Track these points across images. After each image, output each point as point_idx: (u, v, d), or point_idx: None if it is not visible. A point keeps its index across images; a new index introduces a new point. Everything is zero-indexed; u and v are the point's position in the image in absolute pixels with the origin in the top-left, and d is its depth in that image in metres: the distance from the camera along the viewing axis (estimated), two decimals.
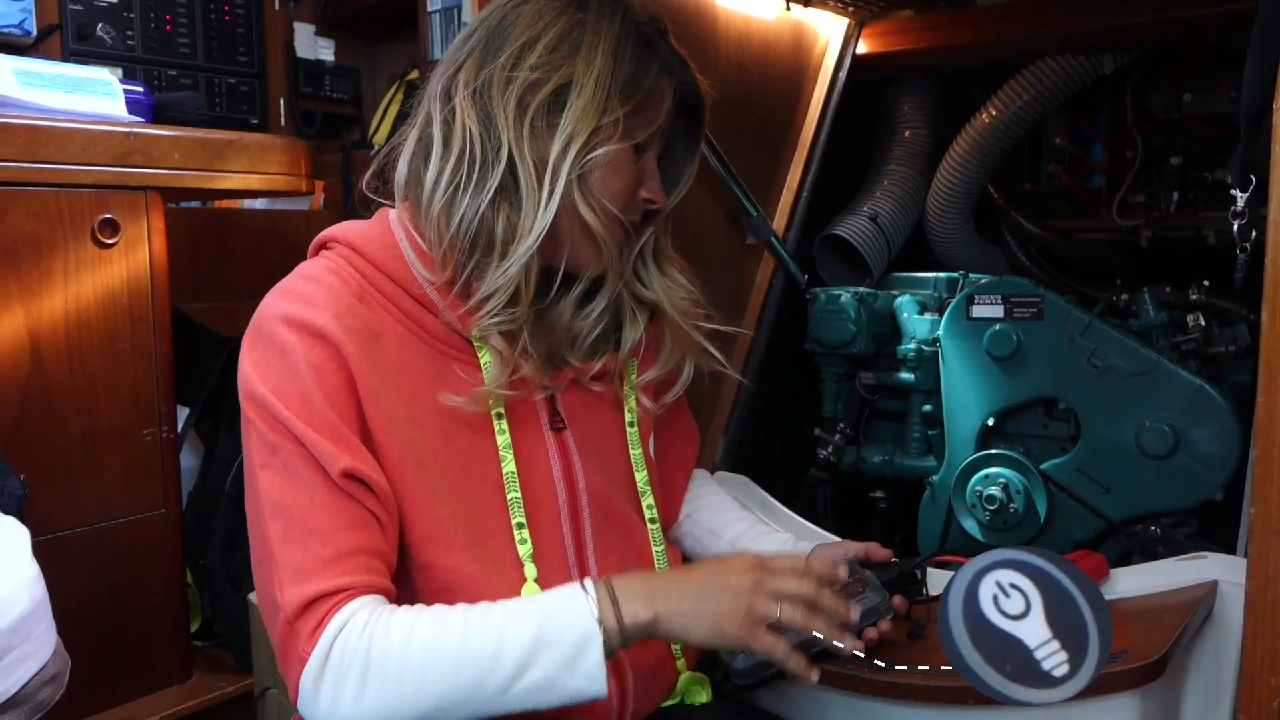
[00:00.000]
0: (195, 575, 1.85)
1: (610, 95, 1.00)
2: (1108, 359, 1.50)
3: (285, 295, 0.98)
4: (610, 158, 1.01)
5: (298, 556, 0.89)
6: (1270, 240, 0.84)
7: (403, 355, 0.99)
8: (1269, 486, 0.85)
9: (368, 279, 1.00)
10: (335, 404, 0.93)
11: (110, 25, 2.33)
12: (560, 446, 1.08)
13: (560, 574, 1.04)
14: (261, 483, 0.92)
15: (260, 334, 0.96)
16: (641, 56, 1.03)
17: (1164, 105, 1.89)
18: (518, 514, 1.02)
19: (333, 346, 0.94)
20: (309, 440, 0.91)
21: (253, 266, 2.36)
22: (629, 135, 1.02)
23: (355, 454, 0.93)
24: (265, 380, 0.93)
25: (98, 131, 1.53)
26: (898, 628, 1.18)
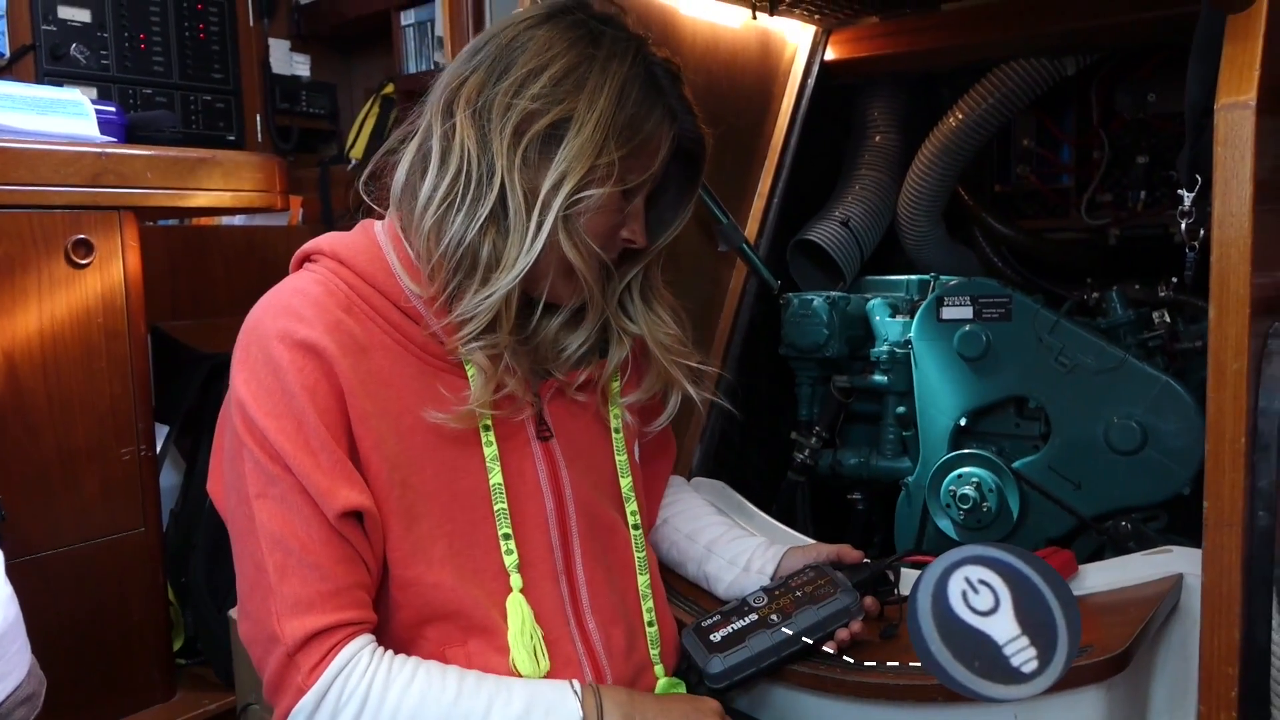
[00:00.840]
0: (177, 592, 1.86)
1: (608, 138, 0.99)
2: (1075, 357, 1.51)
3: (275, 310, 0.97)
4: (600, 200, 1.01)
5: (298, 589, 0.90)
6: (1216, 238, 0.85)
7: (390, 368, 0.99)
8: (1220, 480, 0.87)
9: (355, 291, 1.00)
10: (329, 424, 0.94)
11: (84, 45, 2.34)
12: (547, 456, 1.09)
13: (547, 582, 1.05)
14: (258, 512, 0.92)
15: (251, 352, 0.95)
16: (646, 101, 1.03)
17: (1129, 105, 1.92)
18: (504, 525, 1.03)
19: (325, 362, 0.94)
20: (306, 476, 0.91)
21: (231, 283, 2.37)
22: (621, 179, 1.02)
23: (351, 485, 0.93)
24: (260, 404, 0.93)
25: (70, 152, 1.53)
26: (870, 628, 1.19)
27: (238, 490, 0.95)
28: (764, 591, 1.20)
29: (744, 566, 1.28)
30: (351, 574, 0.94)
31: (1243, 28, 0.86)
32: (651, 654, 1.14)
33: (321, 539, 0.92)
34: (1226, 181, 0.85)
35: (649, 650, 1.14)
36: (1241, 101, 0.84)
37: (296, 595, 0.90)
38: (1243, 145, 0.84)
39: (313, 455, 0.92)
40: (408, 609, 0.99)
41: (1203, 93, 0.88)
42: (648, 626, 1.14)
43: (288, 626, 0.89)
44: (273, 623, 0.90)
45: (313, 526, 0.92)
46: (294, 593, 0.90)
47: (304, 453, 0.92)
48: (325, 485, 0.92)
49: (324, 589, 0.91)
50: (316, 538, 0.92)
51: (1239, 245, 0.84)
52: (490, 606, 1.00)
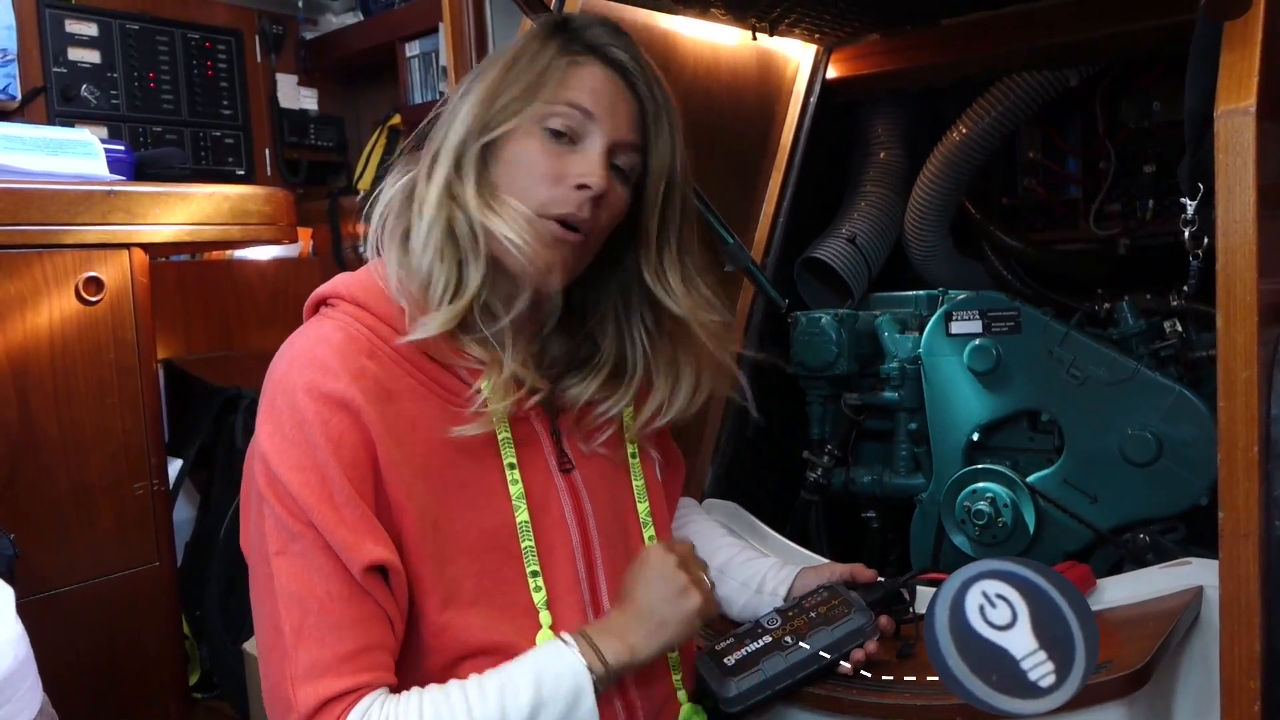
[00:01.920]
0: (192, 626, 1.86)
1: (498, 88, 1.02)
2: (1087, 369, 1.50)
3: (299, 362, 0.95)
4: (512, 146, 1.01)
5: (314, 653, 0.89)
6: (1220, 245, 0.85)
7: (416, 410, 0.98)
8: (1235, 490, 0.86)
9: (376, 334, 0.99)
10: (354, 478, 0.92)
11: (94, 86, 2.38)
12: (570, 488, 1.08)
13: (575, 613, 1.05)
14: (277, 571, 0.91)
15: (277, 405, 0.94)
16: (540, 53, 1.03)
17: (1134, 114, 1.91)
18: (532, 562, 1.02)
19: (353, 413, 0.93)
20: (329, 531, 0.90)
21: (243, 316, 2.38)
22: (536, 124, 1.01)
23: (375, 539, 0.92)
24: (284, 459, 0.91)
25: (79, 192, 1.55)
26: (886, 648, 1.18)
27: (259, 548, 0.93)
28: (777, 613, 1.19)
29: (757, 588, 1.27)
30: (371, 633, 0.92)
31: (1240, 34, 0.86)
32: (674, 679, 1.13)
33: (342, 596, 0.90)
34: (1229, 188, 0.84)
35: (671, 675, 1.13)
36: (1241, 108, 0.84)
37: (312, 660, 0.89)
38: (1244, 151, 0.83)
39: (337, 510, 0.90)
40: (441, 653, 0.97)
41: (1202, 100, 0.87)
42: (669, 653, 1.13)
43: (301, 693, 0.88)
44: (288, 687, 0.89)
45: (333, 584, 0.90)
46: (310, 657, 0.89)
47: (328, 507, 0.90)
48: (350, 540, 0.90)
49: (341, 651, 0.89)
50: (337, 595, 0.90)
51: (1244, 252, 0.84)
52: (521, 642, 1.00)
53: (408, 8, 2.68)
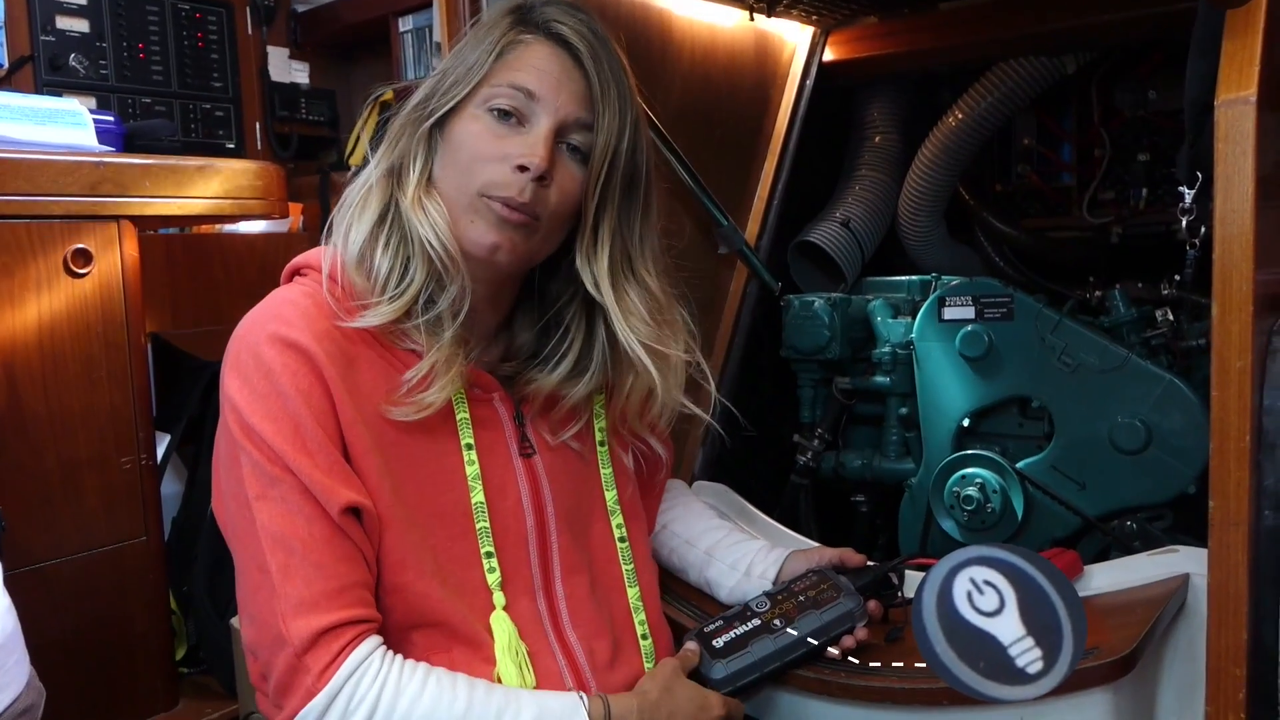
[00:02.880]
0: (179, 601, 1.85)
1: (445, 71, 1.03)
2: (1078, 356, 1.51)
3: (263, 317, 0.98)
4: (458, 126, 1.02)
5: (302, 590, 0.90)
6: (1218, 235, 0.85)
7: (374, 382, 0.99)
8: (1226, 479, 0.86)
9: (341, 305, 1.00)
10: (324, 425, 0.94)
11: (83, 55, 2.34)
12: (529, 473, 1.08)
13: (526, 598, 1.05)
14: (258, 514, 0.92)
15: (242, 358, 0.96)
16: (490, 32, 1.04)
17: (1130, 103, 1.91)
18: (486, 544, 1.03)
19: (315, 367, 0.95)
20: (306, 475, 0.92)
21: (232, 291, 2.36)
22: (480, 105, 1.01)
23: (350, 484, 0.94)
24: (255, 410, 0.93)
25: (68, 162, 1.53)
26: (875, 632, 1.18)
27: (235, 496, 0.94)
28: (766, 596, 1.20)
29: (745, 571, 1.27)
30: (354, 572, 0.93)
31: (1242, 23, 0.85)
32: (646, 667, 1.13)
33: (324, 537, 0.92)
34: (1228, 178, 0.84)
35: (642, 663, 1.13)
36: (1242, 97, 0.83)
37: (300, 595, 0.90)
38: (1244, 141, 0.83)
39: (311, 456, 0.92)
40: (395, 613, 0.98)
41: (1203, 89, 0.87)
42: (641, 640, 1.13)
43: (294, 626, 0.89)
44: (279, 623, 0.90)
45: (314, 525, 0.92)
46: (298, 592, 0.90)
47: (302, 454, 0.92)
48: (326, 483, 0.92)
49: (328, 587, 0.91)
50: (319, 536, 0.92)
51: (1241, 242, 0.84)
52: (474, 620, 1.00)
53: None
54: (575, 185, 1.04)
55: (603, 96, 1.03)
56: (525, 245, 1.02)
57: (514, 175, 0.99)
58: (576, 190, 1.04)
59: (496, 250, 1.00)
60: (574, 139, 1.03)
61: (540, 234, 1.03)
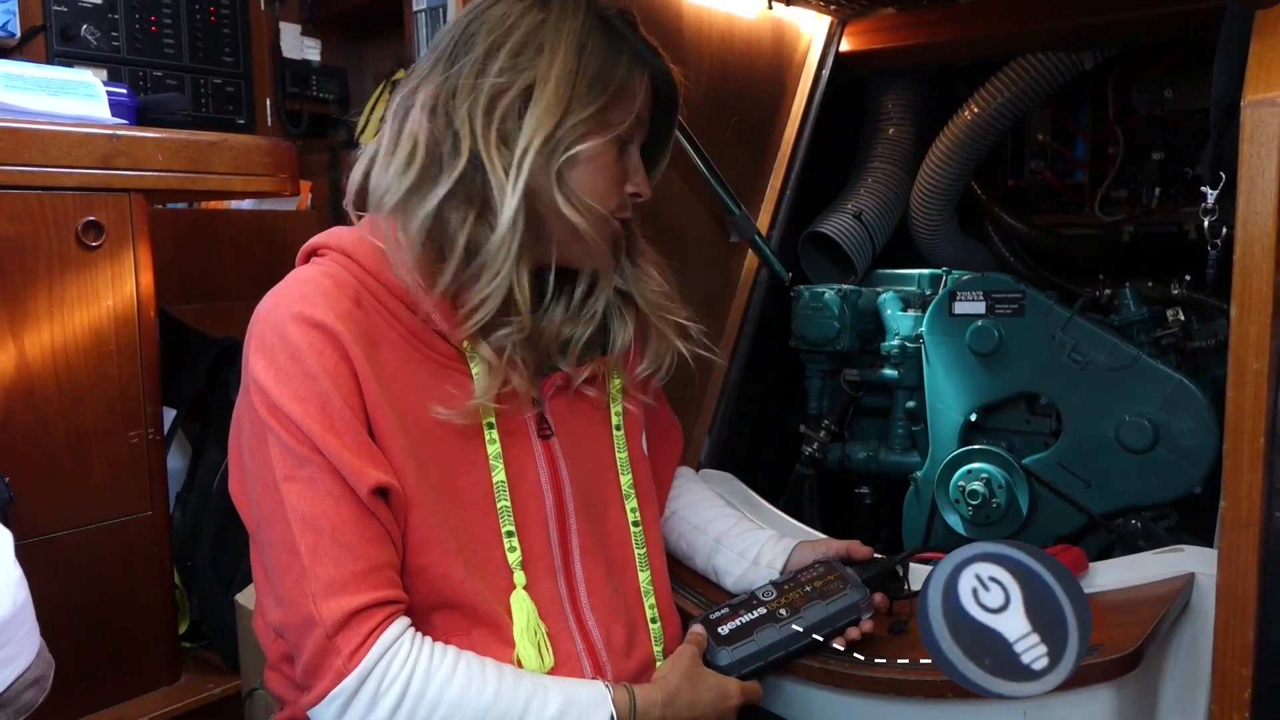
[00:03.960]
0: (183, 576, 1.85)
1: (577, 91, 1.00)
2: (1088, 354, 1.51)
3: (286, 297, 0.97)
4: (590, 155, 1.02)
5: (331, 570, 0.90)
6: (1239, 236, 0.85)
7: (398, 363, 0.99)
8: (1239, 480, 0.86)
9: (363, 285, 1.00)
10: (351, 405, 0.94)
11: (95, 26, 2.33)
12: (548, 454, 1.09)
13: (546, 580, 1.06)
14: (287, 495, 0.92)
15: (267, 339, 0.95)
16: (610, 50, 1.04)
17: (1146, 101, 1.90)
18: (507, 522, 1.03)
19: (340, 346, 0.95)
20: (335, 456, 0.92)
21: (240, 267, 2.36)
22: (604, 129, 1.02)
23: (378, 464, 0.94)
24: (283, 389, 0.93)
25: (81, 134, 1.52)
26: (880, 624, 1.19)
27: (262, 477, 0.94)
28: (773, 585, 1.20)
29: (753, 560, 1.28)
30: (382, 552, 0.94)
31: (1272, 23, 0.85)
32: (655, 650, 1.14)
33: (353, 518, 0.92)
34: (1252, 179, 0.84)
35: (652, 647, 1.13)
36: (1269, 98, 0.83)
37: (331, 576, 0.90)
38: (1269, 143, 0.83)
39: (339, 436, 0.92)
40: (416, 595, 0.98)
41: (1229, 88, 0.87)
42: (650, 623, 1.14)
43: (324, 608, 0.89)
44: (309, 604, 0.90)
45: (343, 505, 0.92)
46: (328, 574, 0.90)
47: (330, 434, 0.92)
48: (354, 464, 0.92)
49: (357, 569, 0.91)
50: (348, 516, 0.92)
51: (1263, 244, 0.83)
52: (494, 601, 1.01)
53: None
54: None
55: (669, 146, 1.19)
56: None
57: (628, 199, 1.09)
58: None
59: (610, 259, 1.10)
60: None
61: None
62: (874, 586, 1.20)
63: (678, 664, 1.08)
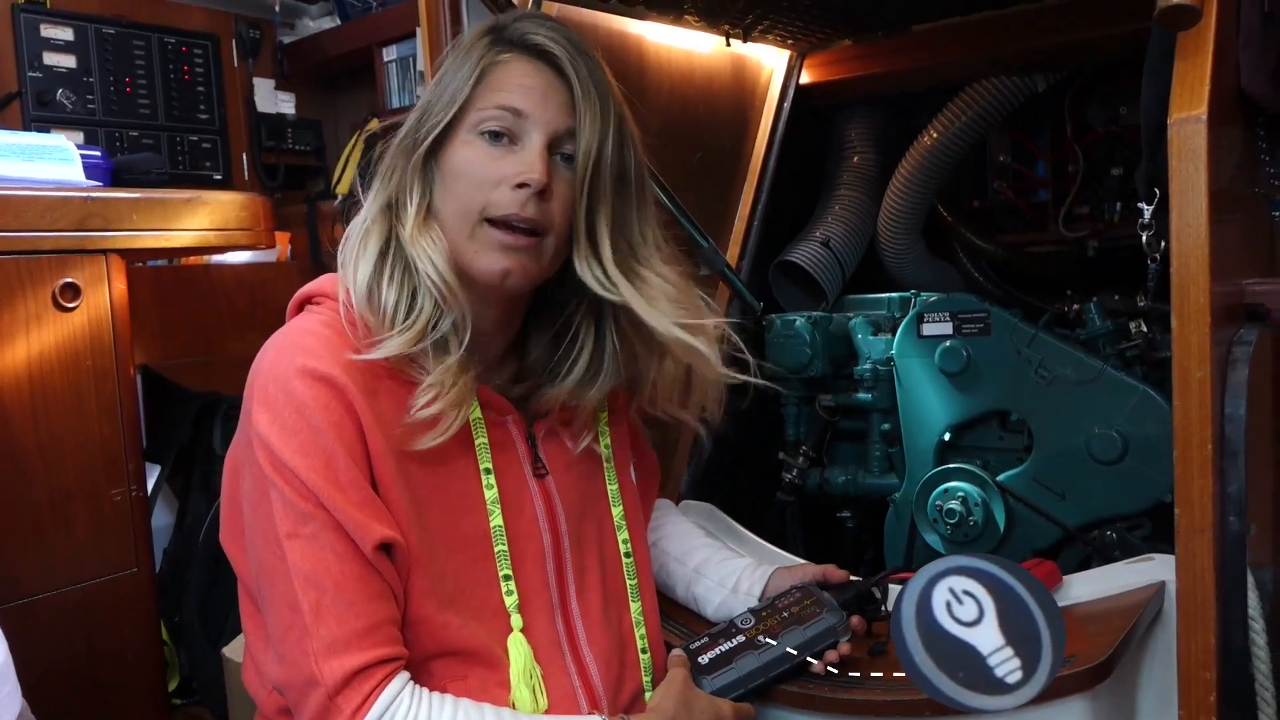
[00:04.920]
0: (171, 632, 1.86)
1: (429, 100, 1.03)
2: (1054, 369, 1.53)
3: (288, 349, 0.97)
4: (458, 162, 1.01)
5: (334, 629, 0.90)
6: (1175, 249, 0.87)
7: (394, 412, 0.99)
8: (1190, 487, 0.88)
9: (355, 338, 0.99)
10: (355, 459, 0.94)
11: (70, 90, 2.37)
12: (544, 493, 1.10)
13: (544, 618, 1.06)
14: (289, 552, 0.91)
15: (270, 392, 0.94)
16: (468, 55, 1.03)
17: (1102, 119, 1.95)
18: (504, 566, 1.04)
19: (345, 398, 0.94)
20: (340, 511, 0.91)
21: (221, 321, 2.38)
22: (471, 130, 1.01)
23: (382, 519, 0.94)
24: (287, 444, 0.92)
25: (56, 198, 1.55)
26: (858, 646, 1.20)
27: (264, 533, 0.94)
28: (751, 613, 1.21)
29: (732, 588, 1.29)
30: (384, 609, 0.94)
31: (1192, 44, 0.88)
32: (644, 680, 1.14)
33: (355, 575, 0.92)
34: (1183, 194, 0.86)
35: (642, 677, 1.14)
36: (1194, 115, 0.86)
37: (333, 635, 0.90)
38: (1197, 158, 0.86)
39: (343, 491, 0.92)
40: (415, 645, 0.98)
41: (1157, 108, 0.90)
42: (641, 654, 1.15)
43: (327, 667, 0.89)
44: (311, 664, 0.90)
45: (346, 563, 0.92)
46: (330, 633, 0.90)
47: (335, 488, 0.92)
48: (359, 519, 0.92)
49: (359, 626, 0.91)
50: (350, 574, 0.92)
51: (1197, 255, 0.86)
52: (492, 644, 1.01)
53: (385, 12, 2.68)
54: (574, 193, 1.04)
55: (584, 98, 1.02)
56: (535, 266, 1.03)
57: (514, 194, 0.99)
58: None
59: (507, 276, 1.01)
60: (567, 148, 1.03)
61: (549, 251, 1.03)
62: (850, 609, 1.21)
63: (670, 690, 1.09)
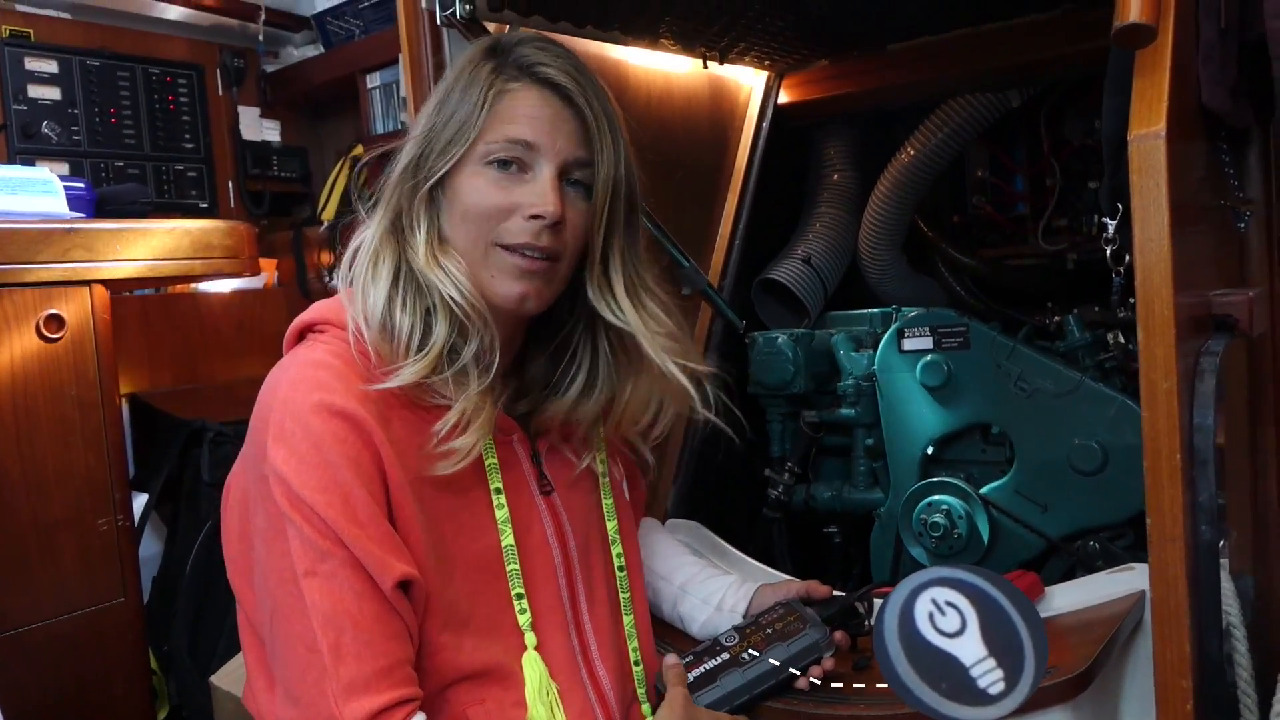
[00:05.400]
0: (160, 661, 1.85)
1: (434, 128, 1.03)
2: (1034, 381, 1.54)
3: (303, 384, 0.95)
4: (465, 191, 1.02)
5: (354, 670, 0.89)
6: (1138, 263, 0.89)
7: (408, 437, 0.99)
8: (1160, 497, 0.89)
9: (366, 366, 0.99)
10: (373, 494, 0.93)
11: (55, 122, 2.38)
12: (551, 510, 1.11)
13: (559, 634, 1.07)
14: (308, 591, 0.90)
15: (286, 427, 0.93)
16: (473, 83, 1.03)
17: (1078, 133, 1.97)
18: (517, 585, 1.04)
19: (364, 431, 0.94)
20: (359, 548, 0.91)
21: (208, 349, 2.39)
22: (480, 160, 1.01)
23: (399, 555, 0.93)
24: (305, 481, 0.91)
25: (39, 230, 1.56)
26: (843, 661, 1.20)
27: (278, 571, 0.92)
28: (735, 630, 1.22)
29: (716, 605, 1.29)
30: (402, 649, 0.93)
31: (1149, 61, 0.90)
32: (639, 693, 1.15)
33: (374, 615, 0.91)
34: (1145, 209, 0.88)
35: (636, 689, 1.15)
36: (1153, 131, 0.88)
37: (353, 676, 0.89)
38: (1157, 173, 0.87)
39: (363, 528, 0.91)
40: (434, 674, 0.98)
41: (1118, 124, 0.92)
42: (634, 665, 1.16)
43: (347, 709, 0.88)
44: (330, 705, 0.89)
45: (365, 602, 0.91)
46: (350, 674, 0.89)
47: (354, 525, 0.91)
48: (378, 555, 0.91)
49: (379, 666, 0.90)
50: (369, 614, 0.91)
51: (1160, 269, 0.87)
52: (507, 663, 1.02)
53: (367, 40, 2.71)
54: (584, 219, 1.06)
55: (599, 131, 1.04)
56: (550, 290, 1.05)
57: (529, 224, 1.01)
58: (586, 223, 1.06)
59: (525, 300, 1.03)
60: (575, 175, 1.05)
61: (562, 275, 1.06)
62: (834, 625, 1.22)
63: (674, 709, 1.08)
